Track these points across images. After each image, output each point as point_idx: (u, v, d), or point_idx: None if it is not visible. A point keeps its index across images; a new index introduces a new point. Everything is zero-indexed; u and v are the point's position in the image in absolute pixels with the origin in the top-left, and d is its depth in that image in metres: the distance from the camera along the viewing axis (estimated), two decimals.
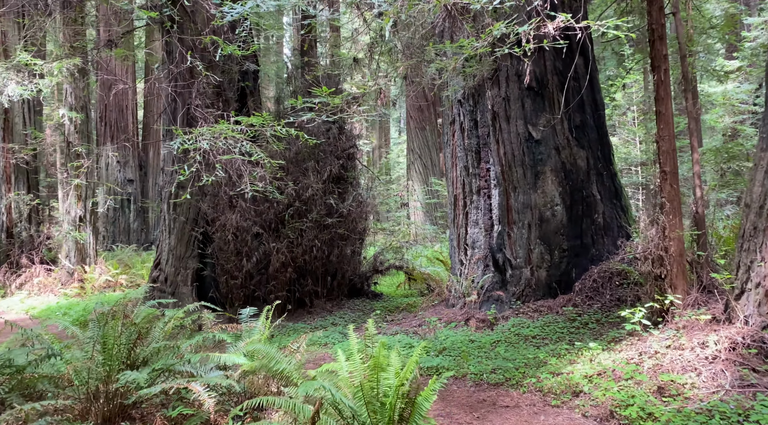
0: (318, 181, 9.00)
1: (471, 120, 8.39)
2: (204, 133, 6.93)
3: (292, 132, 7.17)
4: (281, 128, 7.16)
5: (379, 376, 3.43)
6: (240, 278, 8.56)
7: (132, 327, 3.99)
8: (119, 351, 3.81)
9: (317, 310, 9.21)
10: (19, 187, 15.24)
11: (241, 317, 5.31)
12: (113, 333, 3.77)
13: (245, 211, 8.60)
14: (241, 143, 6.97)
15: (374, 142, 37.84)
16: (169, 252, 9.35)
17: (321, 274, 9.29)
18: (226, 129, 6.84)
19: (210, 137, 6.87)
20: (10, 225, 14.97)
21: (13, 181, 15.30)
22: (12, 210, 15.09)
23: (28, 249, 14.70)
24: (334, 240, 9.26)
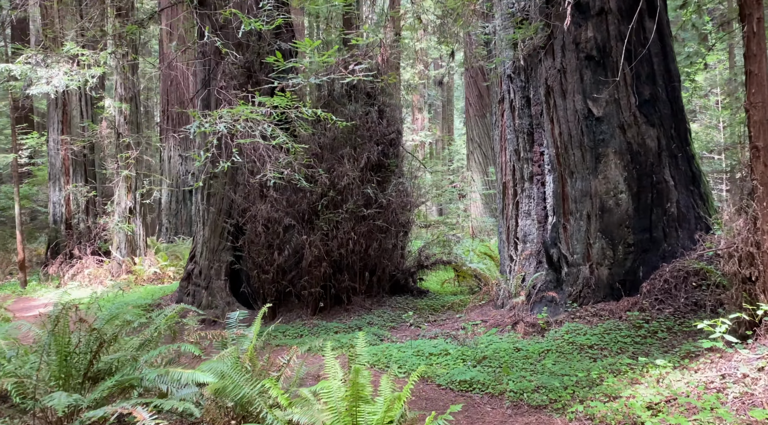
0: (355, 168, 8.31)
1: (522, 97, 7.43)
2: (224, 116, 6.38)
3: (319, 112, 6.50)
4: (307, 109, 6.50)
5: (360, 409, 2.68)
6: (271, 272, 8.02)
7: (92, 334, 3.44)
8: (78, 362, 3.27)
9: (355, 308, 8.54)
10: (77, 179, 15.49)
11: (229, 322, 4.67)
12: (62, 341, 3.24)
13: (276, 201, 8.04)
14: (262, 126, 6.36)
15: (437, 133, 36.88)
16: (203, 245, 8.96)
17: (359, 269, 8.61)
18: (245, 111, 6.25)
19: (229, 120, 6.31)
20: (69, 216, 15.25)
21: (72, 173, 15.58)
22: (71, 201, 15.36)
23: (86, 240, 14.92)
24: (372, 233, 8.54)
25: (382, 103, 9.13)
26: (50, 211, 15.95)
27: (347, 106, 8.59)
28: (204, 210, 8.93)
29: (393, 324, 7.92)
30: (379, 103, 9.07)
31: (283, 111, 6.69)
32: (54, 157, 15.77)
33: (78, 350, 3.31)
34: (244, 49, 8.18)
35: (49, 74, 11.71)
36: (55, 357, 3.20)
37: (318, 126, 8.35)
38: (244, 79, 8.18)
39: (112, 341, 3.58)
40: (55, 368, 3.17)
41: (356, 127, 8.58)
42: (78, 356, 3.30)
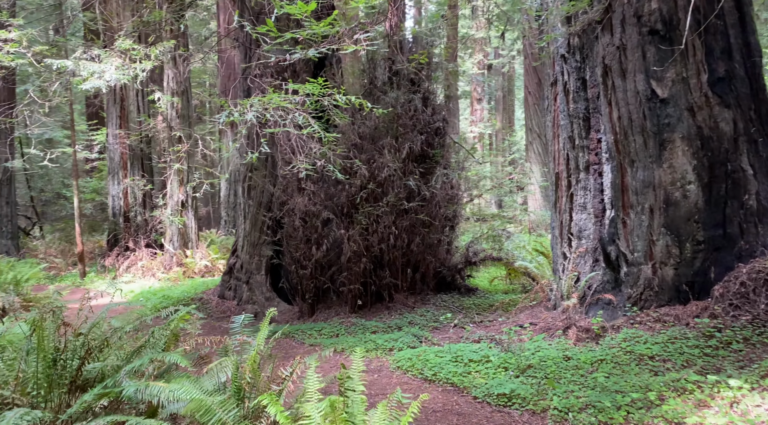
0: (396, 159, 7.87)
1: (577, 79, 6.76)
2: (255, 104, 6.09)
3: (353, 99, 6.09)
4: (341, 97, 6.11)
5: None
6: (309, 268, 7.72)
7: (78, 340, 3.19)
8: (64, 369, 3.01)
9: (397, 306, 8.13)
10: (135, 173, 15.83)
11: (233, 326, 4.34)
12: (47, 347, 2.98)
13: (314, 194, 7.73)
14: (293, 114, 6.02)
15: (497, 125, 35.85)
16: (244, 239, 8.79)
17: (400, 266, 8.18)
18: (276, 99, 5.93)
19: (260, 109, 6.01)
20: (126, 209, 15.61)
21: (129, 167, 15.93)
22: (128, 195, 15.72)
23: (142, 233, 15.23)
24: (415, 228, 8.10)
25: (427, 90, 8.63)
26: (110, 204, 16.40)
27: (389, 93, 8.15)
28: (245, 203, 8.75)
29: (435, 325, 7.46)
30: (423, 90, 8.58)
31: (317, 99, 6.34)
32: (113, 152, 16.18)
33: (64, 356, 3.07)
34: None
35: (102, 69, 11.85)
36: (39, 364, 2.96)
37: (357, 115, 7.96)
38: (282, 67, 7.89)
39: (103, 346, 3.32)
40: (40, 376, 2.93)
41: (398, 116, 8.14)
42: (65, 363, 3.05)
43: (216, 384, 3.16)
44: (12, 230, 19.77)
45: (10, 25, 12.59)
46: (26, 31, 12.47)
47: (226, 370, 3.22)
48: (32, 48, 12.40)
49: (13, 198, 20.29)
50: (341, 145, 7.81)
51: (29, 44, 12.55)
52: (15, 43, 12.14)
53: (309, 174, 7.49)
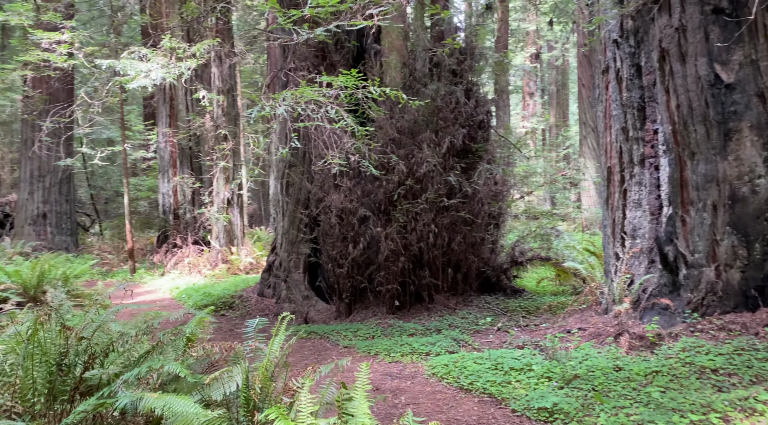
0: (435, 154, 7.54)
1: (631, 65, 6.24)
2: (287, 98, 5.90)
3: (387, 91, 5.81)
4: (375, 88, 5.84)
5: None
6: (346, 266, 7.50)
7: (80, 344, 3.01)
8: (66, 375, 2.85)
9: (437, 307, 7.80)
10: (184, 171, 16.08)
11: (246, 331, 4.13)
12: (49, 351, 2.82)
13: (350, 190, 7.49)
14: (325, 108, 5.80)
15: (551, 119, 34.85)
16: (282, 236, 8.66)
17: (441, 265, 7.85)
18: (308, 91, 5.72)
19: (291, 103, 5.81)
20: (176, 206, 15.88)
21: (179, 165, 16.21)
22: (177, 192, 15.99)
23: (191, 230, 15.44)
24: (456, 226, 7.74)
25: (470, 82, 8.25)
26: (160, 202, 16.74)
27: (429, 85, 7.82)
28: (283, 200, 8.62)
29: (477, 328, 7.09)
30: (465, 81, 8.20)
31: (351, 92, 6.09)
32: (163, 150, 16.49)
33: (67, 361, 2.92)
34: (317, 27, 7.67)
35: (148, 68, 11.99)
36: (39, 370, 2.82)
37: (395, 109, 7.67)
38: (318, 61, 7.69)
39: (109, 351, 3.15)
40: (41, 382, 2.79)
41: (438, 109, 7.80)
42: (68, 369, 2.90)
43: (225, 394, 2.94)
44: (71, 227, 20.52)
45: (63, 27, 12.92)
46: (78, 32, 12.78)
47: (236, 378, 3.00)
48: (83, 49, 12.71)
49: (73, 196, 21.07)
50: (378, 140, 7.55)
51: (81, 45, 12.88)
52: (67, 45, 12.46)
53: (345, 170, 7.26)
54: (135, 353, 3.23)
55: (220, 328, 7.71)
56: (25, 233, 19.51)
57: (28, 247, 18.20)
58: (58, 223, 20.16)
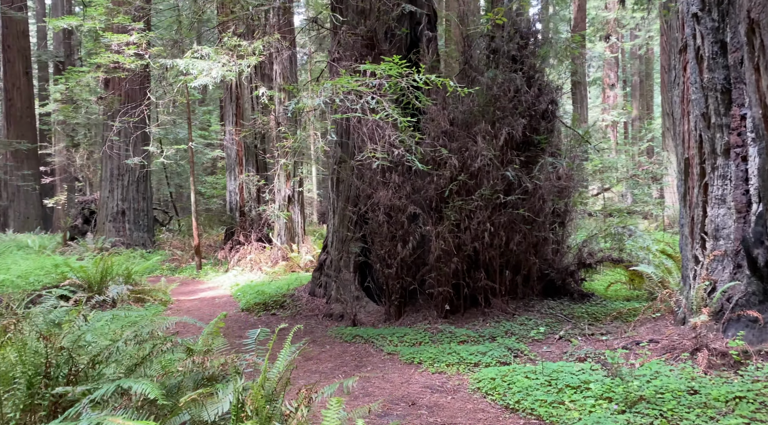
0: (492, 147, 7.00)
1: (714, 42, 5.46)
2: (326, 89, 5.59)
3: (433, 78, 5.37)
4: (420, 76, 5.42)
5: None
6: (394, 267, 7.12)
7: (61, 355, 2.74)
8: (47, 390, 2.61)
9: (494, 312, 7.27)
10: (249, 169, 16.26)
11: (246, 342, 3.80)
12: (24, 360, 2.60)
13: (399, 187, 7.09)
14: (365, 99, 5.44)
15: (633, 112, 32.94)
16: (333, 234, 8.40)
17: (498, 267, 7.30)
18: (346, 81, 5.38)
19: (329, 94, 5.50)
20: (242, 204, 16.10)
21: (244, 163, 16.41)
22: (243, 190, 16.19)
23: (257, 227, 15.60)
24: (514, 224, 7.17)
25: (531, 68, 7.63)
26: (227, 199, 17.06)
27: (485, 73, 7.28)
28: (333, 197, 8.36)
29: (536, 336, 6.51)
30: (526, 67, 7.59)
31: (396, 81, 5.69)
32: (230, 149, 16.78)
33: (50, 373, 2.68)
34: (366, 16, 7.34)
35: (209, 66, 12.09)
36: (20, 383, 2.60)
37: (448, 99, 7.19)
38: (366, 51, 7.33)
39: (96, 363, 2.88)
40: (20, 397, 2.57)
41: (495, 98, 7.25)
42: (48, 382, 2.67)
43: (219, 414, 2.63)
44: (147, 223, 21.38)
45: (132, 29, 13.30)
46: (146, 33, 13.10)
47: (227, 398, 2.69)
48: (149, 49, 13.03)
49: (149, 193, 21.93)
50: (429, 133, 7.11)
51: (148, 46, 13.22)
52: (134, 46, 12.81)
53: (392, 165, 6.89)
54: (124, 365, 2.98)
55: (268, 328, 7.53)
56: (106, 229, 20.50)
57: (108, 243, 19.07)
58: (136, 220, 21.04)
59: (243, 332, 7.40)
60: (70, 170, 30.05)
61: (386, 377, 5.13)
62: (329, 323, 7.66)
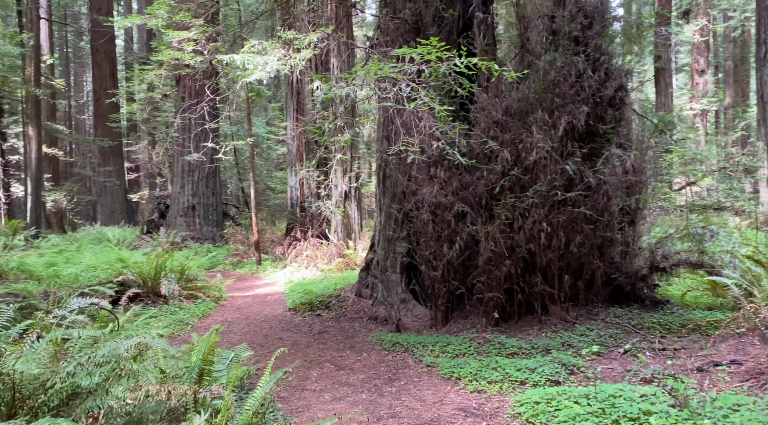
0: (550, 138, 6.31)
1: None
2: (358, 77, 5.16)
3: (475, 61, 4.82)
4: (461, 60, 4.88)
5: None
6: (440, 269, 6.59)
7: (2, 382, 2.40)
8: None
9: (552, 320, 6.60)
10: (310, 164, 16.14)
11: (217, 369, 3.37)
12: None
13: (446, 183, 6.55)
14: (398, 86, 4.95)
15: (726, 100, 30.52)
16: (380, 233, 7.98)
17: (556, 271, 6.61)
18: (379, 68, 4.92)
19: (360, 82, 5.06)
20: (302, 199, 16.01)
21: (305, 158, 16.31)
22: (304, 185, 16.10)
23: (317, 223, 15.47)
24: (575, 224, 6.46)
25: (596, 50, 6.85)
26: (288, 195, 17.03)
27: (542, 56, 6.59)
28: (380, 194, 7.93)
29: (599, 349, 5.80)
30: (590, 49, 6.82)
31: (436, 66, 5.17)
32: (290, 144, 16.72)
33: None
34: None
35: (264, 61, 11.95)
36: None
37: (501, 86, 6.57)
38: (410, 36, 6.82)
39: (53, 385, 2.53)
40: None
41: (554, 84, 6.55)
42: None
43: None
44: (216, 218, 21.86)
45: (192, 26, 13.39)
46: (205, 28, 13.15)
47: None
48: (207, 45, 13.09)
49: (219, 189, 22.42)
50: (480, 123, 6.52)
51: (208, 41, 13.29)
52: (191, 42, 12.89)
53: (439, 159, 6.36)
54: (60, 396, 2.61)
55: (310, 330, 7.23)
56: (177, 224, 21.14)
57: (178, 237, 19.62)
58: (205, 215, 21.56)
59: (284, 333, 7.13)
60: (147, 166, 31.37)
61: (419, 394, 4.64)
62: (373, 326, 7.25)
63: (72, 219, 32.43)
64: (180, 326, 7.55)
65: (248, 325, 7.72)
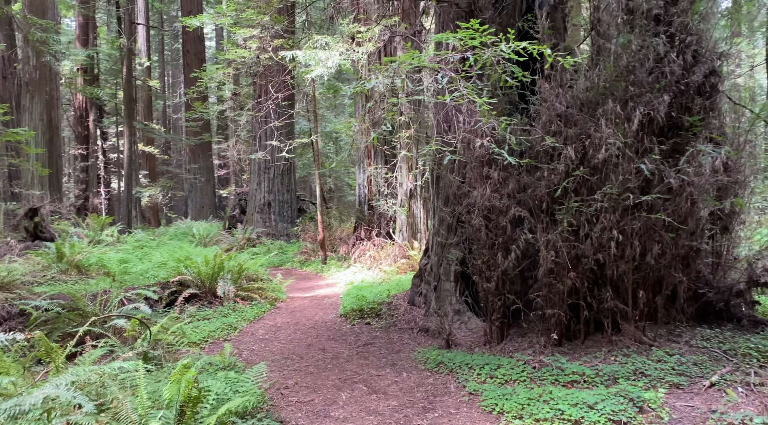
0: (622, 132, 5.47)
1: None
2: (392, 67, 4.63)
3: (524, 45, 4.16)
4: (509, 46, 4.24)
5: None
6: (494, 281, 5.91)
7: None
8: None
9: (624, 341, 5.75)
10: (378, 161, 15.74)
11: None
12: None
13: (501, 184, 5.86)
14: (433, 77, 4.37)
15: None
16: (433, 237, 7.40)
17: (630, 285, 5.75)
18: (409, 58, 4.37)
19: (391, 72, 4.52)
20: (370, 197, 15.66)
21: (373, 155, 15.93)
22: (372, 183, 15.73)
23: (384, 222, 15.06)
24: (652, 231, 5.57)
25: (681, 29, 5.88)
26: (356, 193, 16.72)
27: (613, 39, 5.73)
28: (434, 195, 7.35)
29: (679, 379, 4.94)
30: (674, 29, 5.86)
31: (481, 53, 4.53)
32: (359, 141, 16.39)
33: None
34: None
35: (326, 56, 11.63)
36: None
37: (565, 74, 5.78)
38: (464, 21, 6.13)
39: None
40: None
41: (628, 70, 5.67)
42: None
43: None
44: (291, 215, 22.04)
45: (259, 24, 13.33)
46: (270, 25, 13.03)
47: None
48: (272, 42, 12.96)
49: (294, 186, 22.59)
50: (541, 117, 5.78)
51: (272, 38, 13.16)
52: (255, 40, 12.80)
53: (492, 158, 5.69)
54: None
55: (356, 341, 6.78)
56: (254, 220, 21.50)
57: (254, 233, 19.92)
58: (281, 211, 21.79)
59: (328, 344, 6.73)
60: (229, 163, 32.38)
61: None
62: (423, 339, 6.69)
63: (167, 213, 34.09)
64: (227, 330, 7.35)
65: (295, 332, 7.40)
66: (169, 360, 5.40)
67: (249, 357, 6.17)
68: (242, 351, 6.45)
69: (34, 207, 16.52)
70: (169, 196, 33.25)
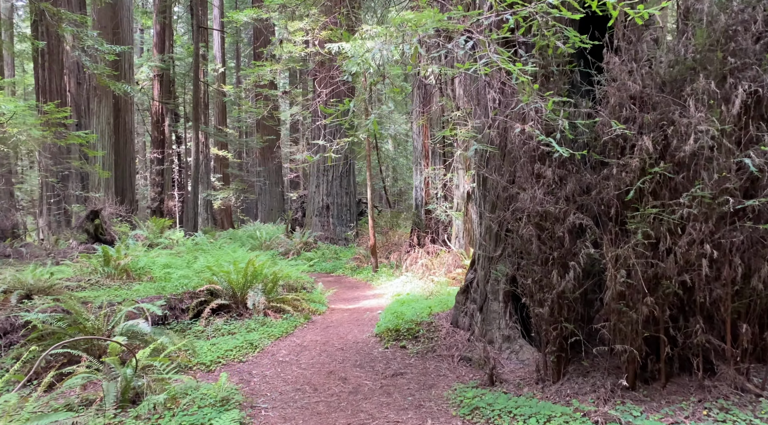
0: (718, 117, 4.18)
1: None
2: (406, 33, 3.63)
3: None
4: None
5: None
6: (548, 305, 4.74)
7: None
8: None
9: (721, 387, 4.43)
10: (436, 162, 14.72)
11: None
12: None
13: (557, 184, 4.69)
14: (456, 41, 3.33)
15: None
16: (480, 247, 6.29)
17: (729, 315, 4.43)
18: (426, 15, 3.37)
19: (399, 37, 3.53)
20: (427, 200, 14.64)
21: (431, 156, 14.91)
22: (429, 185, 14.70)
23: (442, 227, 14.00)
24: (761, 247, 4.24)
25: None
26: (413, 195, 15.72)
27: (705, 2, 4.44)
28: (480, 197, 6.24)
29: None
30: None
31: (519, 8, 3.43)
32: (416, 140, 15.41)
33: None
34: None
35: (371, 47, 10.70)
36: None
37: (641, 44, 4.54)
38: None
39: None
40: None
41: (727, 36, 4.36)
42: None
43: None
44: (350, 218, 21.33)
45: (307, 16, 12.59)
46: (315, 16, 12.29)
47: None
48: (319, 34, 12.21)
49: (353, 188, 21.88)
50: (609, 99, 4.59)
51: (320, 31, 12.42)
52: (301, 32, 12.07)
53: (547, 152, 4.56)
54: None
55: (385, 369, 5.77)
56: (312, 223, 20.96)
57: (312, 237, 19.34)
58: (339, 214, 21.13)
59: (352, 372, 5.77)
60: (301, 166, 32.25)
61: None
62: (463, 371, 5.60)
63: (239, 216, 34.45)
64: (245, 350, 6.55)
65: (320, 354, 6.50)
66: (156, 391, 4.62)
67: (257, 387, 5.32)
68: (253, 378, 5.61)
69: (95, 209, 16.63)
70: (242, 198, 33.54)
